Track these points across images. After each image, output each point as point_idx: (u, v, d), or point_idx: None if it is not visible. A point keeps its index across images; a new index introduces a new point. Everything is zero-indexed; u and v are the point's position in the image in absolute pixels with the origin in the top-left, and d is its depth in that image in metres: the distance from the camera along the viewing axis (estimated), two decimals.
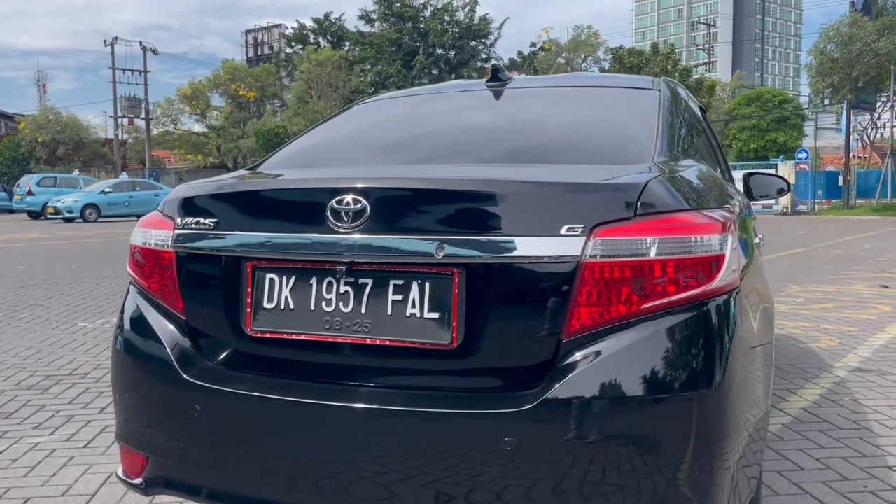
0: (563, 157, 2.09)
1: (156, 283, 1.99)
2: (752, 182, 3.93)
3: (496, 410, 1.58)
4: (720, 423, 1.63)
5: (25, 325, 6.28)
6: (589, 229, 1.60)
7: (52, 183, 31.07)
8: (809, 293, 7.77)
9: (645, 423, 1.58)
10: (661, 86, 2.59)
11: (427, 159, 2.21)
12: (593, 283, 1.60)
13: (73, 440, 3.46)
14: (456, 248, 1.63)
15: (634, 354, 1.60)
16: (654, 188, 1.67)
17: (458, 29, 45.30)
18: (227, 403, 1.78)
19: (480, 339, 1.64)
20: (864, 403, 3.91)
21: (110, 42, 46.95)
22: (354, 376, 1.75)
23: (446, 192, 1.70)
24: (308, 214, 1.76)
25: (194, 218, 1.91)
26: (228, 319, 1.84)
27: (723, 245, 1.66)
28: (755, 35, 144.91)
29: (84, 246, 15.24)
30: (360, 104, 2.98)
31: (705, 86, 42.92)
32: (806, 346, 5.25)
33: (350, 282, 1.72)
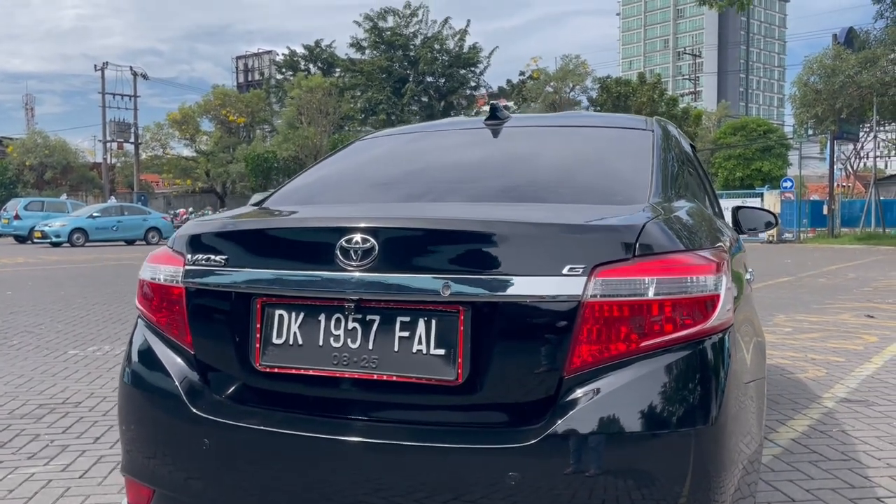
0: (562, 196, 2.16)
1: (164, 317, 2.04)
2: (741, 215, 4.03)
3: (501, 446, 1.63)
4: (716, 457, 1.68)
5: (16, 353, 6.25)
6: (590, 269, 1.66)
7: (39, 207, 30.95)
8: (796, 322, 7.87)
9: (644, 458, 1.63)
10: (654, 126, 2.67)
11: (431, 197, 2.27)
12: (594, 322, 1.66)
13: (68, 470, 3.46)
14: (462, 287, 1.69)
15: (634, 391, 1.65)
16: (652, 230, 1.74)
17: (447, 57, 45.76)
18: (235, 437, 1.81)
19: (485, 375, 1.69)
20: (851, 434, 3.97)
21: (101, 67, 47.10)
22: (362, 411, 1.79)
23: (452, 233, 1.77)
24: (317, 252, 1.81)
25: (204, 255, 1.96)
26: (237, 354, 1.89)
27: (717, 285, 1.73)
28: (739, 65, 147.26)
29: (72, 271, 15.17)
30: (361, 140, 3.05)
31: (692, 115, 43.51)
32: (794, 377, 5.32)
33: (358, 318, 1.77)
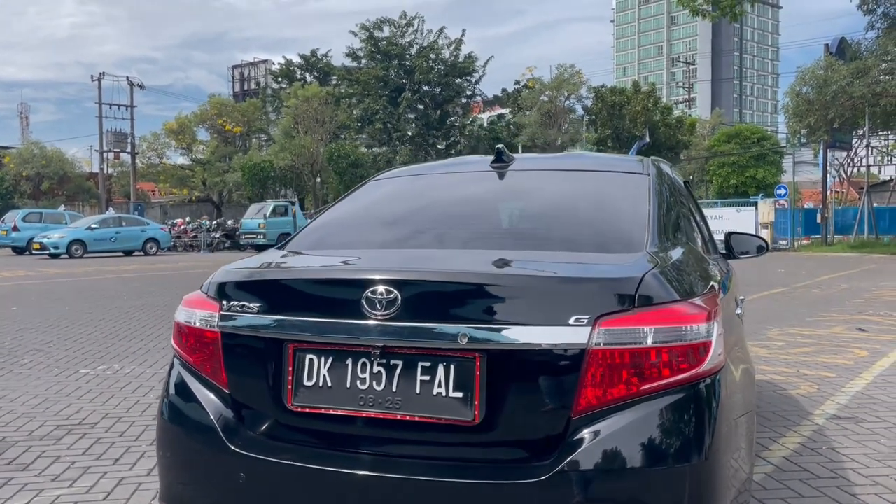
0: (567, 245, 2.34)
1: (200, 358, 2.20)
2: (734, 241, 4.23)
3: (516, 481, 1.80)
4: (710, 488, 1.86)
5: (28, 372, 6.39)
6: (594, 320, 1.83)
7: (37, 218, 31.03)
8: (790, 336, 8.05)
9: (645, 491, 1.81)
10: (650, 168, 2.85)
11: (447, 245, 2.44)
12: (598, 367, 1.83)
13: (91, 492, 3.61)
14: (477, 335, 1.86)
15: (635, 431, 1.82)
16: (650, 282, 1.91)
17: (443, 66, 46.02)
18: (269, 471, 1.98)
19: (500, 415, 1.87)
20: (841, 452, 4.14)
21: (97, 77, 47.23)
22: (386, 448, 1.96)
23: (469, 285, 1.94)
24: (345, 302, 1.98)
25: (239, 301, 2.13)
26: (271, 394, 2.05)
27: (709, 332, 1.90)
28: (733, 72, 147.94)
29: (74, 285, 15.29)
30: (374, 181, 3.22)
31: (686, 124, 43.81)
32: (786, 393, 5.50)
33: (383, 363, 1.94)
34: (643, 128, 37.65)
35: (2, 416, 4.96)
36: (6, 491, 3.62)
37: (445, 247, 2.44)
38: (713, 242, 3.74)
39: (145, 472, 3.88)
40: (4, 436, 4.53)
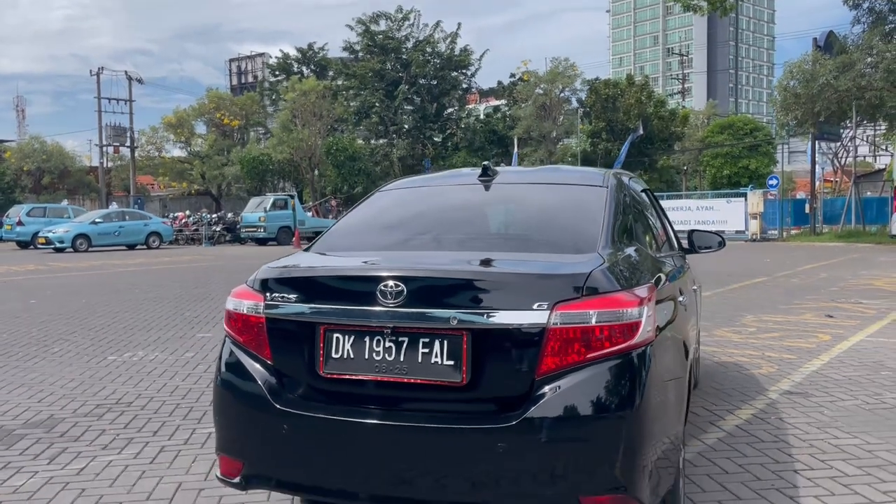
0: (537, 246, 2.96)
1: (247, 337, 2.80)
2: (695, 237, 4.87)
3: (493, 426, 2.41)
4: (641, 433, 2.46)
5: (60, 359, 6.99)
6: (552, 305, 2.44)
7: (41, 213, 31.63)
8: (762, 323, 8.68)
9: (591, 433, 2.41)
10: (609, 181, 3.45)
11: (444, 247, 3.06)
12: (555, 341, 2.43)
13: (139, 458, 4.21)
14: (464, 318, 2.47)
15: (583, 387, 2.43)
16: (596, 276, 2.52)
17: (439, 60, 46.51)
18: (306, 424, 2.58)
19: (482, 378, 2.47)
20: (787, 421, 4.76)
21: (96, 72, 47.63)
22: (396, 404, 2.56)
23: (459, 280, 2.55)
24: (363, 294, 2.58)
25: (279, 293, 2.73)
26: (306, 365, 2.66)
27: (641, 314, 2.51)
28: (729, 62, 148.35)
29: (85, 279, 15.87)
30: (381, 191, 3.82)
31: (679, 116, 44.39)
32: (749, 373, 6.12)
33: (393, 340, 2.55)
34: (637, 120, 38.18)
35: (45, 398, 5.56)
36: (65, 457, 4.22)
37: (441, 248, 3.04)
38: (672, 241, 4.34)
39: (182, 442, 4.48)
40: (52, 413, 5.13)
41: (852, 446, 4.24)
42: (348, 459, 2.54)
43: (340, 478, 2.56)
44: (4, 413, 5.14)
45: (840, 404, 5.11)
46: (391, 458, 2.49)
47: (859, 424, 4.65)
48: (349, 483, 2.55)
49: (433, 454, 2.45)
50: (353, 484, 2.55)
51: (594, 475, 2.40)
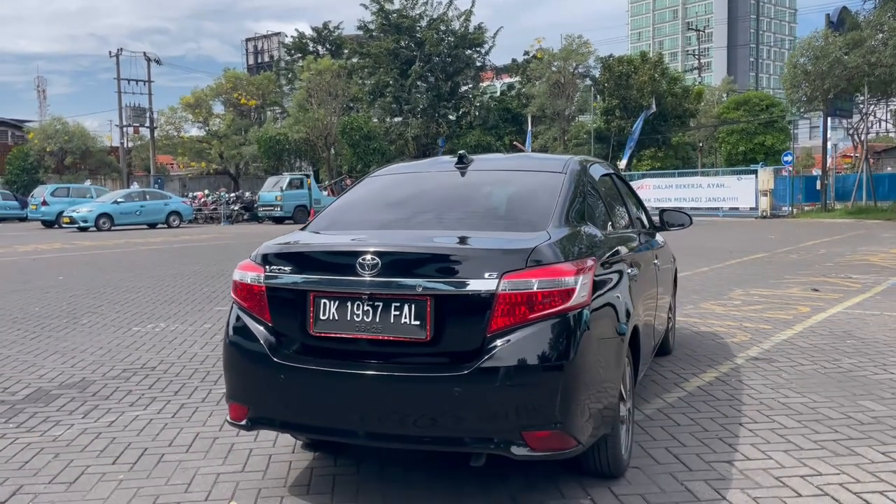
0: (495, 225, 3.46)
1: (251, 303, 3.33)
2: (666, 216, 5.35)
3: (451, 374, 2.92)
4: (575, 380, 2.96)
5: (89, 330, 7.60)
6: (501, 274, 2.93)
7: (65, 193, 32.47)
8: (749, 296, 9.11)
9: (532, 380, 2.92)
10: (568, 168, 3.92)
11: (416, 225, 3.56)
12: (503, 304, 2.93)
13: (162, 413, 4.78)
14: (428, 286, 2.97)
15: (527, 342, 2.93)
16: (540, 250, 3.01)
17: (453, 38, 46.66)
18: (299, 374, 3.11)
19: (443, 335, 2.98)
20: (745, 383, 5.23)
21: (115, 53, 48.32)
22: (372, 356, 3.08)
23: (424, 254, 3.07)
24: (346, 266, 3.09)
25: (277, 266, 3.25)
26: (299, 325, 3.18)
27: (576, 282, 2.99)
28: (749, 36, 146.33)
29: (109, 256, 16.56)
30: (371, 177, 4.33)
31: (692, 93, 44.31)
32: (722, 341, 6.59)
33: (370, 304, 3.06)
34: (650, 98, 38.28)
35: (78, 363, 6.15)
36: (97, 413, 4.80)
37: (415, 227, 3.54)
38: (634, 220, 4.80)
39: (200, 400, 5.04)
40: (84, 377, 5.71)
41: (798, 404, 4.71)
42: (334, 403, 3.06)
43: (327, 418, 3.09)
44: (42, 377, 5.73)
45: (799, 368, 5.57)
46: (369, 401, 3.01)
47: (812, 386, 5.11)
48: (334, 421, 3.09)
49: (403, 398, 2.97)
50: (337, 422, 3.08)
51: (534, 415, 2.90)
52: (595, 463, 3.40)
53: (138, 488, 3.58)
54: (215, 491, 3.53)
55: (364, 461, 3.84)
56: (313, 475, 3.71)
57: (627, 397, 3.64)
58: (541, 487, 3.44)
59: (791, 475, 3.56)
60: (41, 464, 3.91)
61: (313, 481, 3.63)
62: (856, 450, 3.89)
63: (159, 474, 3.76)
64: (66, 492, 3.55)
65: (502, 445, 2.92)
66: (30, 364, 6.13)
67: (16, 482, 3.67)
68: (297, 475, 3.72)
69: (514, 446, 2.91)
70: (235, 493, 3.51)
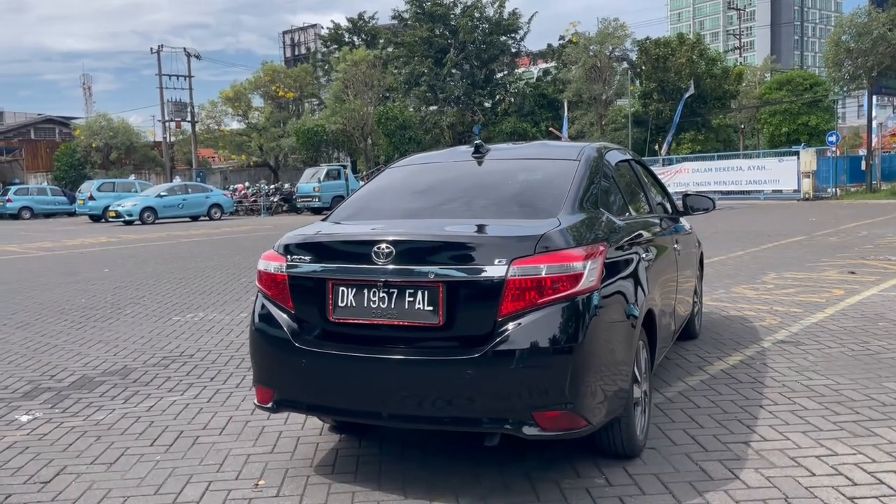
0: (507, 213, 3.55)
1: (274, 291, 3.48)
2: (689, 200, 5.37)
3: (463, 357, 3.03)
4: (585, 362, 3.05)
5: (132, 320, 7.89)
6: (510, 261, 3.03)
7: (111, 188, 33.34)
8: (782, 280, 9.02)
9: (542, 362, 3.01)
10: (584, 155, 3.98)
11: (431, 214, 3.67)
12: (513, 289, 3.03)
13: (198, 398, 4.99)
14: (440, 273, 3.08)
15: (536, 326, 3.02)
16: (549, 236, 3.10)
17: (487, 25, 46.50)
18: (320, 358, 3.25)
19: (455, 320, 3.09)
20: (770, 366, 5.24)
21: (156, 50, 49.25)
22: (389, 341, 3.21)
23: (437, 242, 3.18)
24: (362, 255, 3.22)
25: (298, 255, 3.39)
26: (319, 312, 3.32)
27: (584, 267, 3.07)
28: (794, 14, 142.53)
29: (153, 249, 17.03)
30: (391, 168, 4.46)
31: (732, 74, 43.46)
32: (751, 325, 6.57)
33: (385, 291, 3.18)
34: (688, 80, 37.69)
35: (120, 352, 6.41)
36: (137, 398, 5.03)
37: (429, 217, 3.65)
38: (654, 206, 4.84)
39: (234, 386, 5.24)
40: (125, 364, 5.97)
41: (822, 386, 4.71)
42: (353, 386, 3.20)
43: (348, 400, 3.24)
44: (86, 364, 6.00)
45: (826, 351, 5.55)
46: (386, 385, 3.14)
47: (837, 368, 5.10)
48: (354, 403, 3.23)
49: (418, 381, 3.09)
50: (357, 404, 3.22)
51: (545, 396, 3.00)
52: (609, 443, 3.49)
53: (174, 468, 3.77)
54: (245, 471, 3.71)
55: (386, 443, 3.98)
56: (338, 456, 3.86)
57: (643, 380, 3.71)
58: (556, 466, 3.54)
59: (806, 455, 3.60)
60: (84, 446, 4.14)
61: (338, 462, 3.79)
62: (875, 430, 3.90)
63: (194, 455, 3.95)
64: (106, 471, 3.76)
65: (514, 425, 3.02)
66: (75, 353, 6.41)
67: (60, 463, 3.89)
68: (322, 456, 3.87)
69: (525, 426, 3.02)
70: (264, 472, 3.67)
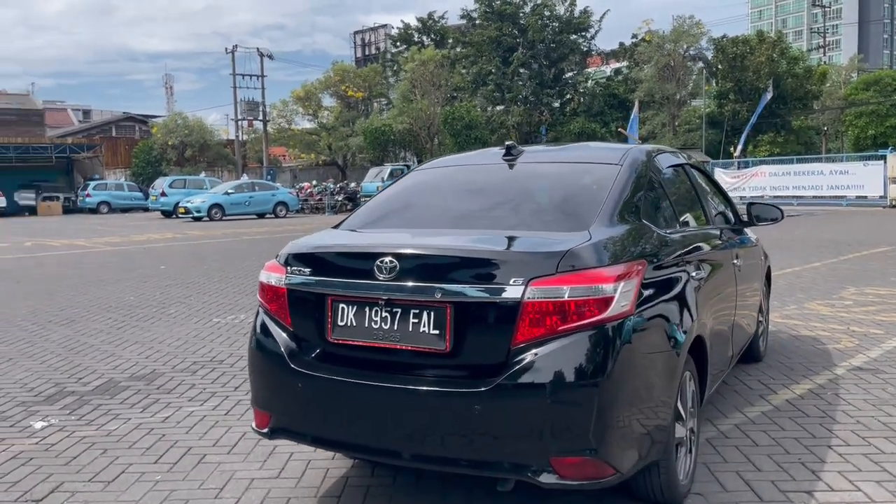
0: (532, 225, 3.12)
1: (274, 305, 3.16)
2: (754, 210, 4.84)
3: (471, 390, 2.64)
4: (614, 400, 2.62)
5: (173, 320, 7.78)
6: (527, 281, 2.63)
7: (182, 185, 34.16)
8: (862, 296, 8.26)
9: (562, 399, 2.60)
10: (627, 159, 3.52)
11: (445, 225, 3.29)
12: (529, 314, 2.62)
13: (217, 409, 4.75)
14: (449, 292, 2.70)
15: (556, 357, 2.61)
16: (574, 253, 2.68)
17: (557, 24, 45.68)
18: (315, 383, 2.91)
19: (463, 346, 2.71)
20: (843, 397, 4.66)
21: (231, 50, 50.32)
22: (390, 367, 2.85)
23: (444, 257, 2.79)
24: (364, 269, 2.87)
25: (297, 267, 3.07)
26: (318, 330, 2.99)
27: (615, 290, 2.64)
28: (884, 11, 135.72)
29: (213, 246, 17.18)
30: (416, 170, 4.08)
31: (815, 74, 41.41)
32: (823, 347, 5.94)
33: (388, 310, 2.82)
34: (767, 80, 36.07)
35: (152, 354, 6.27)
36: (156, 407, 4.83)
37: (442, 227, 3.26)
38: (711, 216, 4.31)
39: None
40: (154, 368, 5.80)
41: None
42: (350, 416, 2.85)
43: (344, 431, 2.89)
44: (116, 367, 5.86)
45: None
46: (385, 417, 2.78)
47: None
48: (350, 435, 2.88)
49: (420, 414, 2.72)
50: (353, 436, 2.87)
51: (565, 439, 2.58)
52: (646, 489, 3.04)
53: (171, 491, 3.51)
54: (245, 498, 3.42)
55: (402, 474, 3.63)
56: (347, 485, 3.54)
57: (688, 416, 3.25)
58: None
59: None
60: (87, 460, 3.93)
61: (345, 492, 3.46)
62: None
63: (196, 476, 3.69)
64: (102, 491, 3.54)
65: (528, 472, 2.62)
66: (109, 354, 6.30)
67: (58, 479, 3.69)
68: (330, 484, 3.55)
69: (542, 473, 2.61)
70: (265, 501, 3.38)
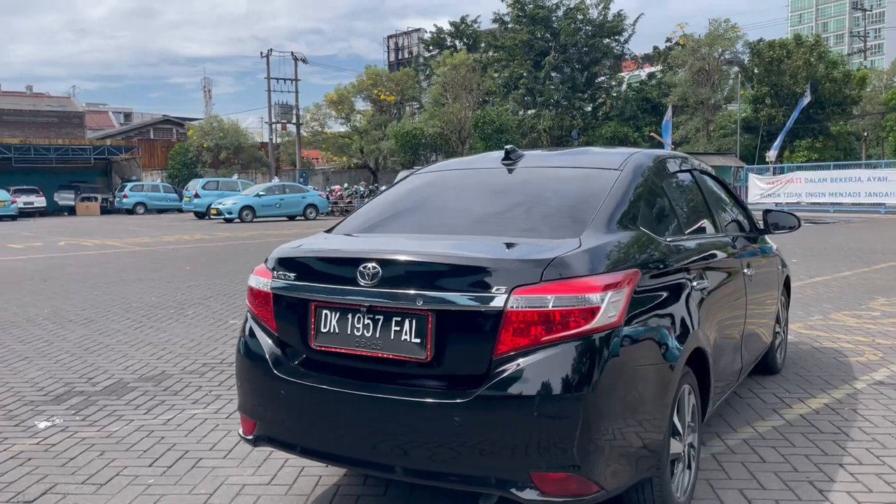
0: (521, 231, 3.02)
1: (261, 311, 3.12)
2: (770, 218, 4.70)
3: (451, 401, 2.56)
4: (599, 414, 2.52)
5: (189, 321, 7.82)
6: (511, 289, 2.54)
7: (214, 186, 34.59)
8: (892, 307, 7.99)
9: (544, 412, 2.50)
10: (628, 164, 3.41)
11: (433, 231, 3.21)
12: (512, 323, 2.54)
13: (219, 413, 4.73)
14: (430, 299, 2.63)
15: (539, 368, 2.52)
16: (560, 261, 2.58)
17: (590, 27, 45.34)
18: (297, 390, 2.86)
19: (444, 356, 2.63)
20: (860, 413, 4.48)
21: (266, 54, 50.88)
22: (371, 375, 2.78)
23: (426, 264, 2.72)
24: (346, 274, 2.81)
25: (283, 272, 3.02)
26: (301, 337, 2.93)
27: (602, 299, 2.54)
28: None
29: (239, 248, 17.32)
30: (415, 174, 4.01)
31: (854, 78, 40.47)
32: (846, 360, 5.74)
33: (370, 317, 2.76)
34: (804, 84, 35.35)
35: (164, 355, 6.29)
36: (160, 409, 4.82)
37: (430, 233, 3.19)
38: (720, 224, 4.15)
39: None
40: (164, 370, 5.81)
41: None
42: (331, 425, 2.79)
43: (325, 441, 2.83)
44: (127, 368, 5.89)
45: None
46: (365, 426, 2.71)
47: None
48: (331, 446, 2.82)
49: (400, 424, 2.65)
50: (334, 447, 2.81)
51: (546, 453, 2.49)
52: None
53: (161, 496, 3.49)
54: None
55: (394, 483, 3.56)
56: (338, 493, 3.48)
57: (687, 431, 3.13)
58: None
59: None
60: (84, 462, 3.93)
61: (335, 500, 3.40)
62: None
63: (188, 481, 3.66)
64: (93, 493, 3.53)
65: (508, 487, 2.53)
66: (122, 354, 6.34)
67: (52, 480, 3.69)
68: (321, 493, 3.50)
69: (522, 489, 2.52)
70: None
